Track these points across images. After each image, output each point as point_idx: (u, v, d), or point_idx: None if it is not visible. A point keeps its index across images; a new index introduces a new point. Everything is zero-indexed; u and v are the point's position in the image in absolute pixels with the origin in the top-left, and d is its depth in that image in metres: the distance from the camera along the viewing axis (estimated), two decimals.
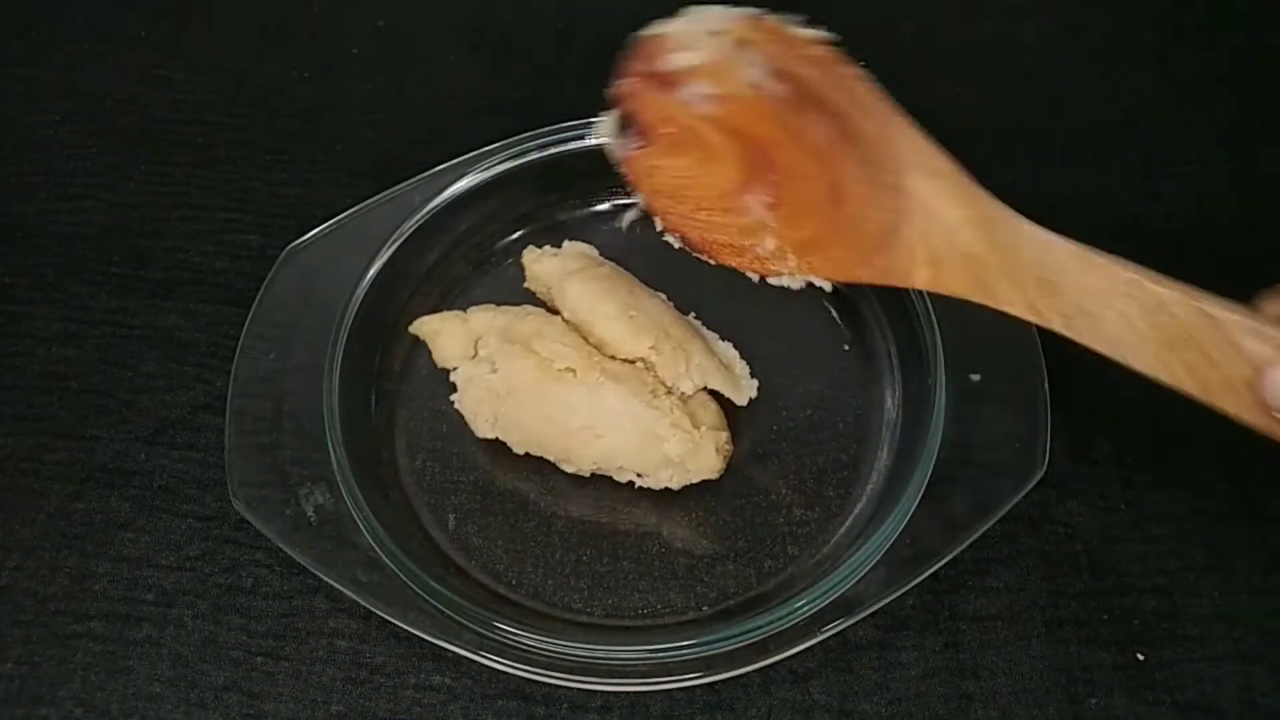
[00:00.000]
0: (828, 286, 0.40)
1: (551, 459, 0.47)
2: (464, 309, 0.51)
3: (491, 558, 0.46)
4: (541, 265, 0.51)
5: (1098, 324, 0.35)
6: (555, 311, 0.49)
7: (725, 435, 0.47)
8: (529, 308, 0.50)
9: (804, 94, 0.37)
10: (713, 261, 0.39)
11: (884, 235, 0.37)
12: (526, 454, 0.47)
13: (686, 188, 0.38)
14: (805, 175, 0.37)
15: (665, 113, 0.37)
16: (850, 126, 0.38)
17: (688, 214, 0.38)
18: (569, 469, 0.47)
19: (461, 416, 0.48)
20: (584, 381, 0.45)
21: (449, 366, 0.49)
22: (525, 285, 0.52)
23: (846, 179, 0.37)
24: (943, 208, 0.37)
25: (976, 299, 0.38)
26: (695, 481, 0.46)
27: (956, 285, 0.38)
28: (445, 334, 0.49)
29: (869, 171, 0.37)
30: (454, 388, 0.48)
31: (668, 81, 0.37)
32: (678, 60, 0.37)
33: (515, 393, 0.46)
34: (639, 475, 0.46)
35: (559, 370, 0.45)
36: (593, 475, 0.47)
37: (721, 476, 0.46)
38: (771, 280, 0.40)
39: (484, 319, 0.49)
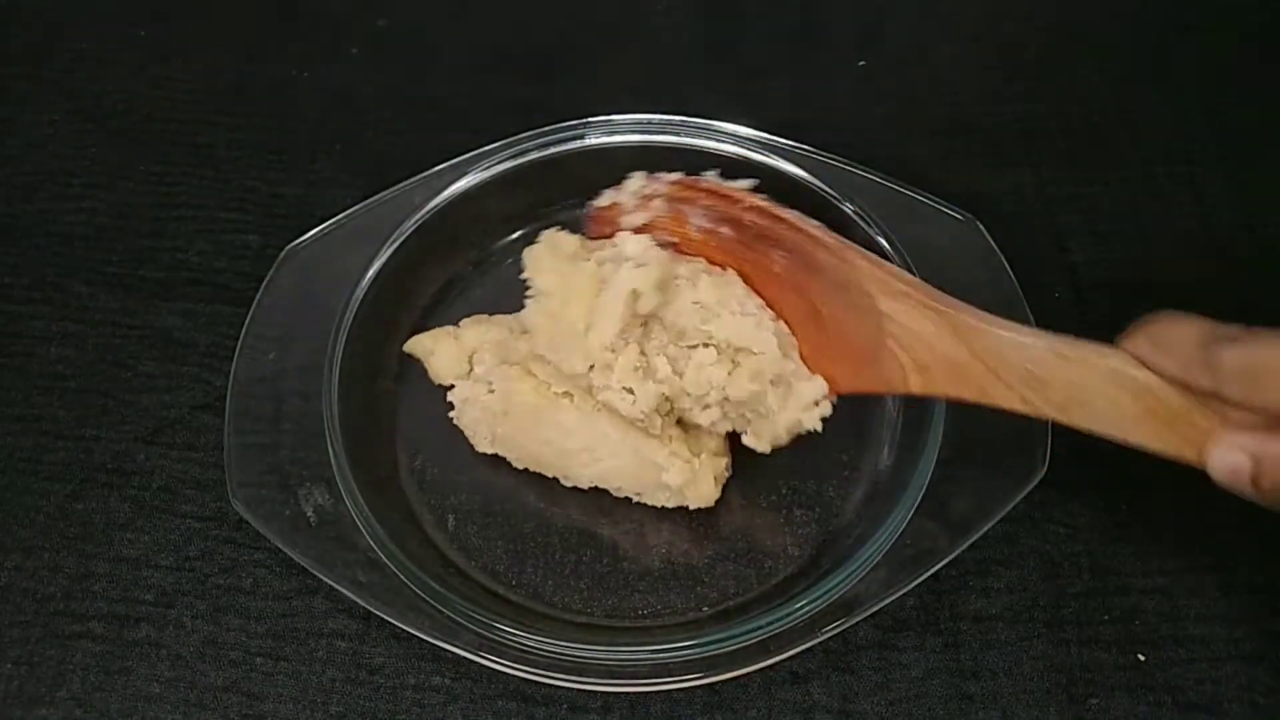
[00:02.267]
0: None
1: (550, 475, 0.47)
2: (464, 311, 0.51)
3: (491, 558, 0.46)
4: None
5: (1092, 411, 0.36)
6: None
7: (725, 461, 0.46)
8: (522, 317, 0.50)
9: (754, 234, 0.40)
10: None
11: (870, 350, 0.39)
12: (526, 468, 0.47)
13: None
14: (782, 301, 0.40)
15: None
16: (808, 259, 0.40)
17: None
18: (567, 484, 0.47)
19: None
20: (580, 407, 0.45)
21: (445, 384, 0.49)
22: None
23: (820, 302, 0.39)
24: (915, 323, 0.38)
25: (971, 399, 0.38)
26: (691, 508, 0.46)
27: (949, 388, 0.39)
28: (439, 352, 0.49)
29: (840, 294, 0.39)
30: (452, 405, 0.48)
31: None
32: (629, 222, 0.43)
33: (512, 414, 0.46)
34: (638, 494, 0.46)
35: (556, 394, 0.45)
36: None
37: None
38: None
39: (476, 333, 0.49)
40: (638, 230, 0.43)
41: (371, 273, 0.50)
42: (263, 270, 0.51)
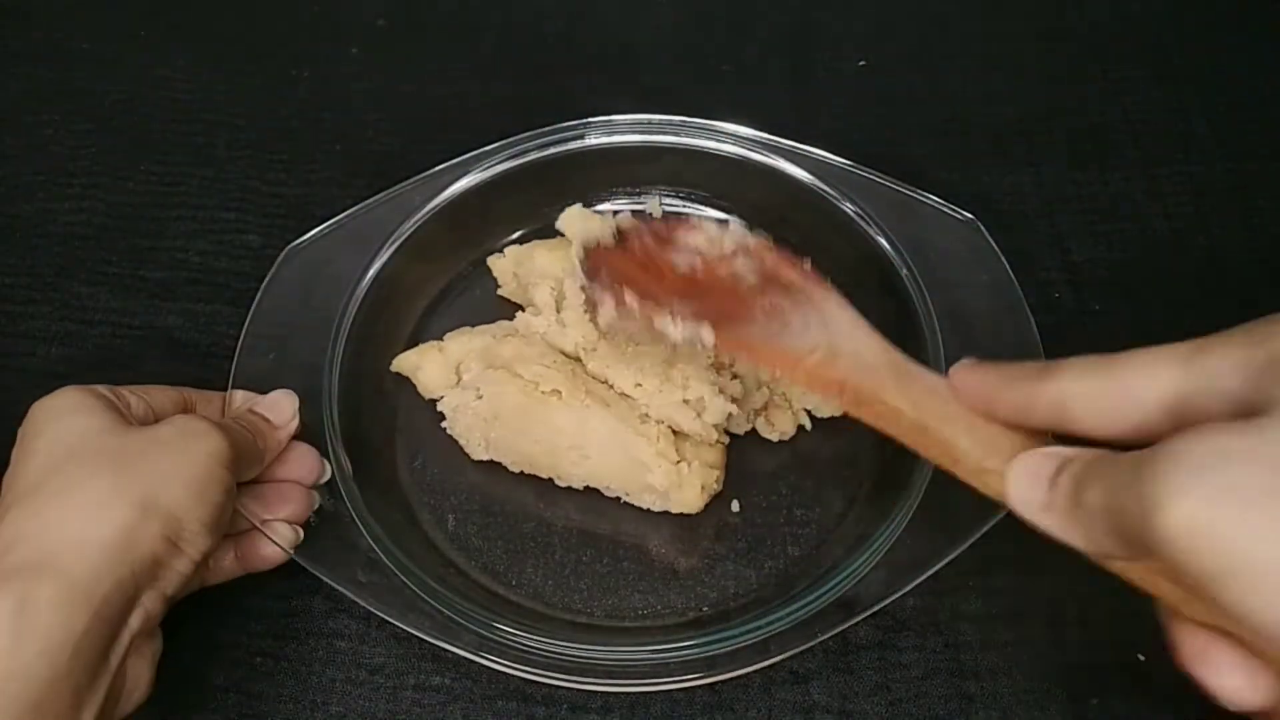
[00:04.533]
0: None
1: (544, 476, 0.47)
2: (465, 310, 0.51)
3: (491, 558, 0.46)
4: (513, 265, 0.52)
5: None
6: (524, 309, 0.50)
7: (717, 474, 0.46)
8: (504, 324, 0.50)
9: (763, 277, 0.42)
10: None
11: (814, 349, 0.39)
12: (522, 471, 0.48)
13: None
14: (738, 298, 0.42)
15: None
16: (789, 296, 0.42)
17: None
18: (562, 485, 0.47)
19: None
20: (569, 404, 0.45)
21: (435, 397, 0.49)
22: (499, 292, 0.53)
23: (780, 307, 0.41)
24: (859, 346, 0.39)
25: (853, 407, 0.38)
26: (674, 513, 0.46)
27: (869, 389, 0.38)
28: (425, 367, 0.49)
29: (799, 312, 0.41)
30: (443, 416, 0.48)
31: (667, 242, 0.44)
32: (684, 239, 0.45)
33: (503, 417, 0.46)
34: (626, 494, 0.46)
35: (544, 393, 0.45)
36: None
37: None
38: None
39: (461, 344, 0.49)
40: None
41: (371, 273, 0.51)
42: (263, 270, 0.51)
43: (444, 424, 0.48)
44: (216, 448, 0.37)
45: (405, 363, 0.50)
